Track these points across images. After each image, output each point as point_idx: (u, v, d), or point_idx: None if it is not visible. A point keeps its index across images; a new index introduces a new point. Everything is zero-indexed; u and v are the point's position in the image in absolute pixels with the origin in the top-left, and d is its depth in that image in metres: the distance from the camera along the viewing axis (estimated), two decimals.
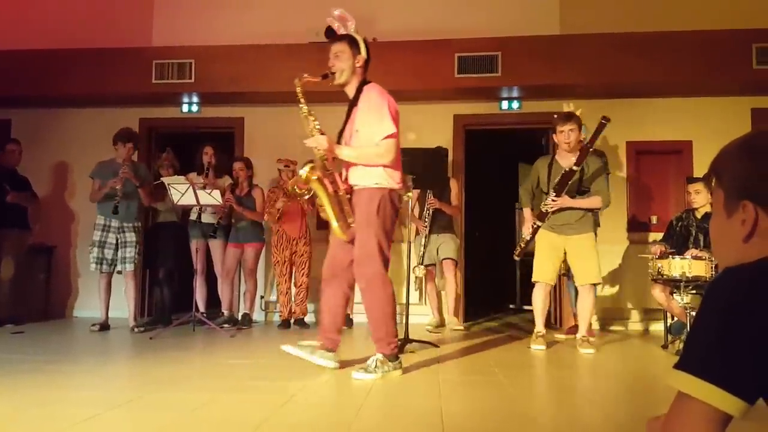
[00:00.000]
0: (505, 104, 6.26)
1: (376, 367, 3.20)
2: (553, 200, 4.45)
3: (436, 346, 4.37)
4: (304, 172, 3.27)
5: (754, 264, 0.89)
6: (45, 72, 6.27)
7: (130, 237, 5.33)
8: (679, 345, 4.32)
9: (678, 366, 0.90)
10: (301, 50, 6.07)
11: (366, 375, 3.16)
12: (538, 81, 5.86)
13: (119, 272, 5.37)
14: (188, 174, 5.63)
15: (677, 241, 4.69)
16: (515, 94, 6.17)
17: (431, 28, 5.95)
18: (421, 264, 5.46)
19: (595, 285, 4.53)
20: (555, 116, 4.69)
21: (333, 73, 3.35)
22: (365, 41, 3.42)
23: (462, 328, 5.69)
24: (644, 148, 6.18)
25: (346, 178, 3.39)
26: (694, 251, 4.34)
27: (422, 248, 5.46)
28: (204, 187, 5.09)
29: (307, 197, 5.56)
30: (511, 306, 8.24)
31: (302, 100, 3.36)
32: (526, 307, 7.86)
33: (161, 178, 5.31)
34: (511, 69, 5.81)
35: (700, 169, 5.58)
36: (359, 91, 3.36)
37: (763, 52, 5.51)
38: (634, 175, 6.19)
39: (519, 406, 2.72)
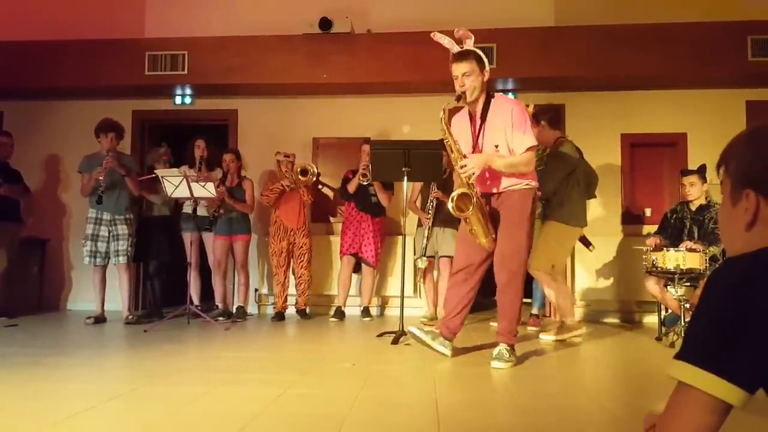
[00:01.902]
0: None
1: (509, 355, 3.35)
2: None
3: None
4: (452, 202, 3.30)
5: (754, 254, 0.88)
6: (37, 64, 6.22)
7: (122, 230, 5.32)
8: (672, 337, 4.32)
9: (678, 356, 0.90)
10: (295, 41, 6.05)
11: (504, 364, 3.30)
12: (533, 73, 5.84)
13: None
14: (180, 167, 5.61)
15: (672, 234, 4.70)
16: (510, 86, 6.16)
17: (426, 19, 5.91)
18: (423, 256, 5.45)
19: (539, 272, 4.52)
20: None
21: (465, 93, 3.37)
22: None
23: None
24: (639, 141, 6.19)
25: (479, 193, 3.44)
26: (688, 243, 4.34)
27: (425, 240, 5.44)
28: (198, 180, 5.07)
29: (303, 184, 5.57)
30: None
31: (447, 132, 3.40)
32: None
33: (155, 171, 5.28)
34: (506, 61, 5.79)
35: (694, 161, 5.57)
36: (487, 105, 3.42)
37: (758, 45, 5.51)
38: (628, 167, 6.19)
39: (514, 396, 2.73)
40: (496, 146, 3.36)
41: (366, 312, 5.74)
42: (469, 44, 3.45)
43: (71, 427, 2.09)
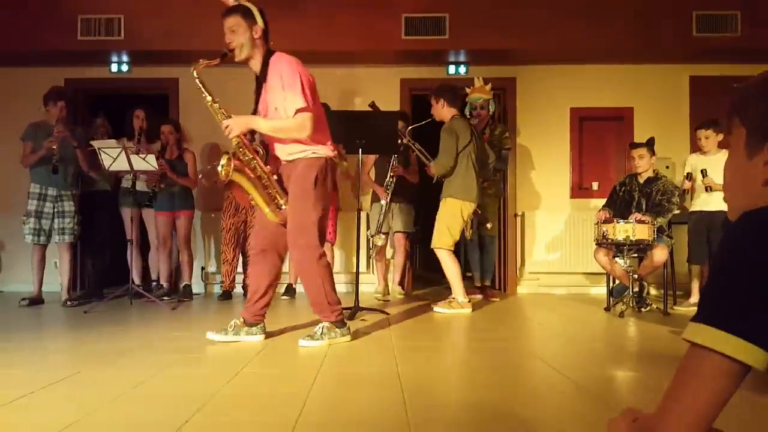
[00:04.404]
0: (452, 69, 6.18)
1: (322, 333, 3.18)
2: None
3: (387, 314, 4.33)
4: (221, 168, 3.11)
5: None
6: None
7: (69, 206, 5.02)
8: (621, 307, 4.43)
9: (696, 318, 0.83)
10: None
11: (312, 342, 3.14)
12: (485, 45, 5.78)
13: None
14: (119, 139, 5.32)
15: (620, 206, 4.79)
16: (462, 58, 6.09)
17: None
18: (380, 232, 5.35)
19: (438, 249, 4.58)
20: None
21: (232, 50, 3.16)
22: (260, 9, 3.23)
23: (404, 293, 5.68)
24: (587, 115, 6.25)
25: (269, 160, 3.30)
26: (637, 215, 4.43)
27: (381, 216, 5.35)
28: (138, 152, 4.81)
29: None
30: None
31: (204, 89, 3.19)
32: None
33: (91, 142, 4.97)
34: (459, 32, 5.71)
35: (640, 135, 5.68)
36: (266, 64, 3.19)
37: (702, 20, 5.61)
38: (577, 141, 6.26)
39: (475, 369, 2.70)
40: (275, 109, 3.17)
41: None
42: None
43: (10, 413, 1.92)
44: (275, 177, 3.29)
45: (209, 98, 3.20)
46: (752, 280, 0.78)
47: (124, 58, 6.14)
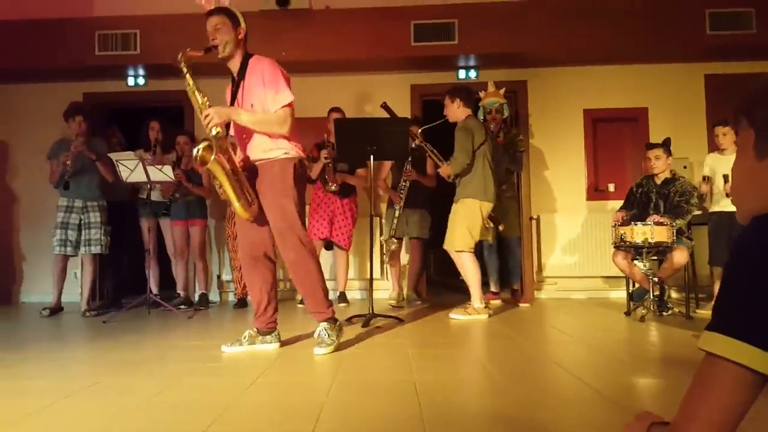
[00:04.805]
0: (462, 73, 6.17)
1: (328, 336, 3.21)
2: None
3: (401, 320, 4.31)
4: (197, 152, 3.09)
5: None
6: None
7: (95, 217, 5.13)
8: (641, 311, 4.37)
9: (710, 327, 0.82)
10: (250, 18, 5.73)
11: (326, 348, 3.16)
12: (495, 49, 5.77)
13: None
14: (135, 151, 5.41)
15: (637, 208, 4.74)
16: (472, 62, 6.09)
17: None
18: (393, 237, 5.35)
19: (460, 252, 4.53)
20: None
21: (216, 47, 3.22)
22: (241, 13, 3.31)
23: (419, 300, 5.68)
24: (601, 116, 6.20)
25: (243, 159, 3.31)
26: (656, 217, 4.37)
27: (395, 221, 5.34)
28: (153, 163, 4.89)
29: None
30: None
31: (188, 76, 3.21)
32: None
33: (109, 155, 5.06)
34: (468, 37, 5.71)
35: (656, 135, 5.63)
36: (244, 64, 3.27)
37: (716, 18, 5.55)
38: (591, 143, 6.21)
39: (492, 376, 2.68)
40: (252, 105, 3.20)
41: (342, 297, 5.61)
42: (225, 2, 3.32)
43: (33, 424, 1.95)
44: (246, 174, 3.29)
45: (191, 83, 3.21)
46: (765, 287, 0.77)
47: (141, 71, 6.23)
